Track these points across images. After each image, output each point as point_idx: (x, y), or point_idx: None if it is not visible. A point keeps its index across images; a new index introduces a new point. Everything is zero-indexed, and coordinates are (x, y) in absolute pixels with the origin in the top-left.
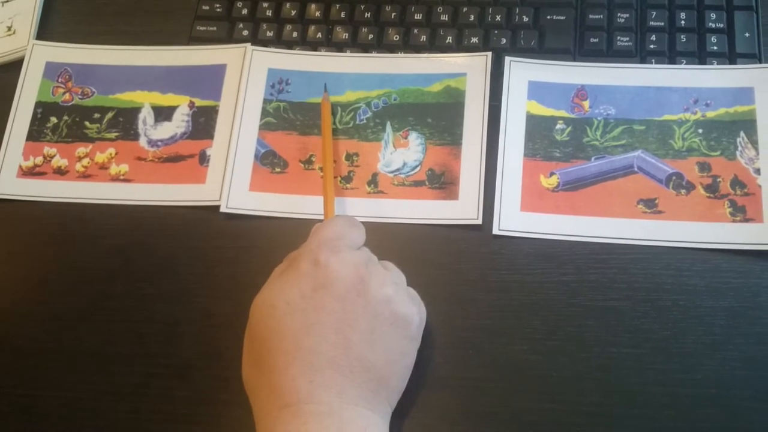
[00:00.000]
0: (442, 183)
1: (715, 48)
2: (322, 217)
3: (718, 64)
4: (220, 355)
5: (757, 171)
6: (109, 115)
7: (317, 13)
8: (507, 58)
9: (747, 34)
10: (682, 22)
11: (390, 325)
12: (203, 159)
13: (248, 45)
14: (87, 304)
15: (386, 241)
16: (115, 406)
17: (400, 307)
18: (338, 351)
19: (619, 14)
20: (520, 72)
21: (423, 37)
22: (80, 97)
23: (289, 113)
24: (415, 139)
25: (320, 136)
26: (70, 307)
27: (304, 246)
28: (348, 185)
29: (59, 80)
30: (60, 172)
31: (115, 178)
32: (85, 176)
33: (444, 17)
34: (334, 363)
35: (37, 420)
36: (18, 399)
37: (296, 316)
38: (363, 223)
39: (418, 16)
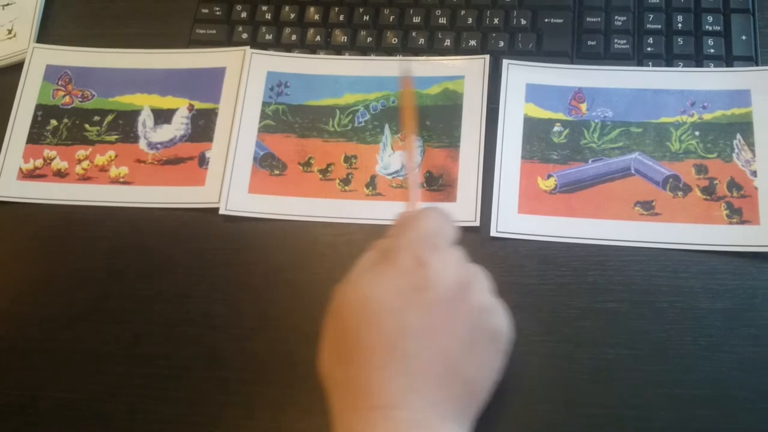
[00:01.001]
0: (440, 185)
1: (712, 51)
2: (319, 219)
3: (715, 66)
4: (217, 356)
5: (754, 173)
6: (109, 117)
7: (316, 17)
8: (505, 61)
9: (744, 37)
10: (679, 24)
11: (487, 337)
12: (202, 161)
13: (247, 48)
14: (85, 305)
15: None
16: (113, 407)
17: (499, 319)
18: (435, 358)
19: (616, 17)
20: (518, 74)
21: (421, 40)
22: (80, 99)
23: (287, 116)
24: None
25: (318, 139)
26: (69, 307)
27: (399, 237)
28: (346, 188)
29: (59, 83)
30: (60, 175)
31: (115, 181)
32: (84, 179)
33: (442, 20)
34: (430, 370)
35: (34, 420)
36: (15, 399)
37: (393, 314)
38: (361, 225)
39: (416, 19)
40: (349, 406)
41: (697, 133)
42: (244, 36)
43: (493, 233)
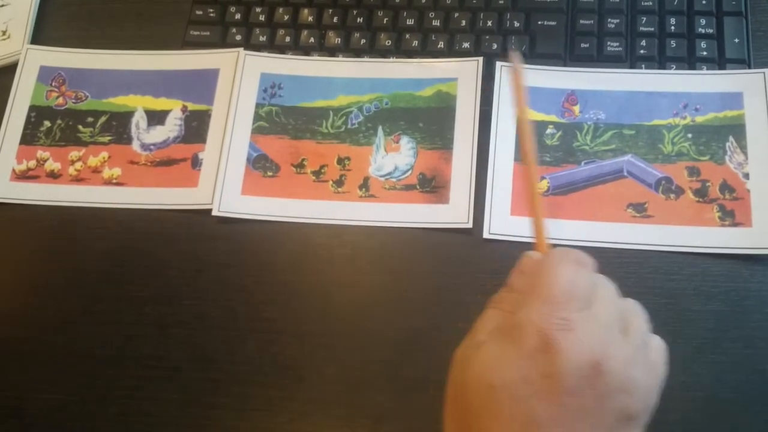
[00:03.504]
0: (433, 187)
1: (705, 53)
2: (312, 221)
3: (707, 69)
4: (209, 357)
5: (746, 175)
6: (103, 119)
7: (310, 18)
8: (498, 63)
9: (736, 40)
10: (672, 27)
11: (617, 421)
12: (196, 163)
13: (241, 50)
14: (78, 307)
15: (377, 245)
16: (105, 409)
17: (634, 402)
18: None
19: (609, 20)
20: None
21: (415, 42)
22: (74, 101)
23: (281, 117)
24: (406, 144)
25: (311, 141)
26: (61, 309)
27: (524, 306)
28: (339, 189)
29: (53, 84)
30: (53, 176)
31: (108, 182)
32: (77, 180)
33: (436, 22)
34: None
35: (27, 422)
36: (8, 402)
37: (519, 403)
38: (354, 227)
39: (410, 21)
40: None
41: (689, 135)
42: (238, 38)
43: (485, 235)
